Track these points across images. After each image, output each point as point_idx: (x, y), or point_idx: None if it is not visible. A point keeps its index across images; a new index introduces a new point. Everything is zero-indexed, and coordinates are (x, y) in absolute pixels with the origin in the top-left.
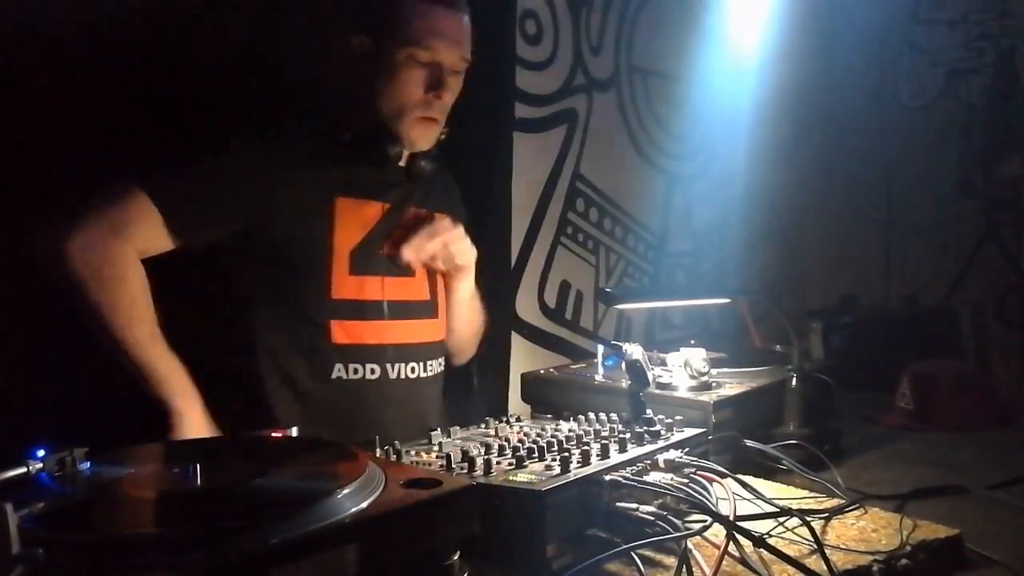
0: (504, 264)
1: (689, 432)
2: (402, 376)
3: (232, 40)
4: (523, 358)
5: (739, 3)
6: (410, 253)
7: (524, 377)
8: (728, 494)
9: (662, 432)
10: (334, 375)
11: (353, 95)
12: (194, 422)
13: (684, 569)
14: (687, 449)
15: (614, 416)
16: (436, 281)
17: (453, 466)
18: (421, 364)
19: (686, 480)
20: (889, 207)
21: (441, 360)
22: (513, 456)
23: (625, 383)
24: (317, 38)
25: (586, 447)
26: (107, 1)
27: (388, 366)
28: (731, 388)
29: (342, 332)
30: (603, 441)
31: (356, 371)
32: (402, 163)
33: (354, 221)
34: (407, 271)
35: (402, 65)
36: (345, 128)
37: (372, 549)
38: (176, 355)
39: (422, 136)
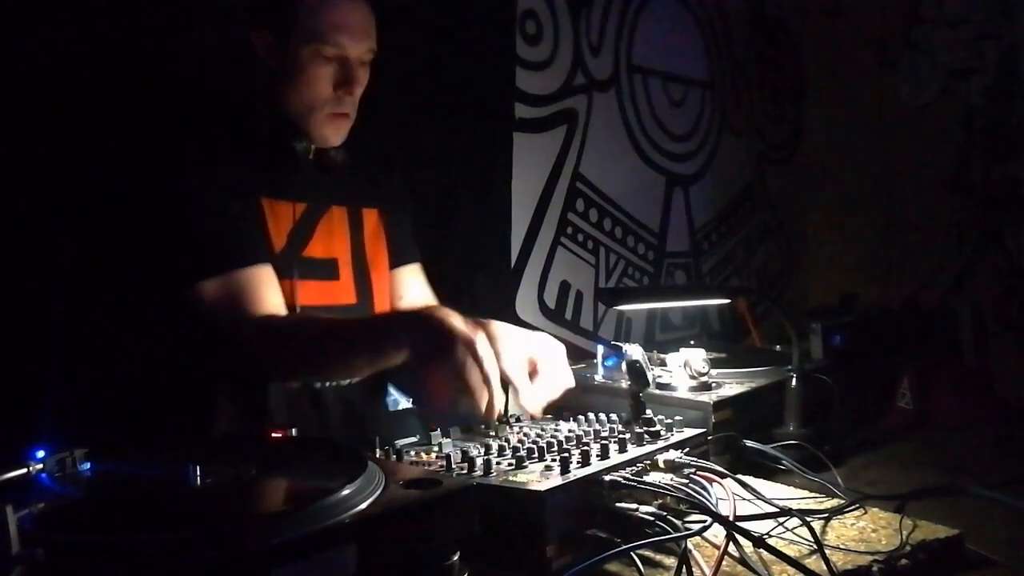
0: (504, 264)
1: (689, 432)
2: (330, 384)
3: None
4: None
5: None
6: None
7: None
8: (728, 494)
9: (662, 432)
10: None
11: (260, 93)
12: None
13: (684, 569)
14: (687, 449)
15: (614, 416)
16: (371, 285)
17: (453, 466)
18: None
19: (686, 480)
20: (889, 207)
21: None
22: (513, 456)
23: (625, 383)
24: (218, 35)
25: (586, 447)
26: None
27: None
28: (731, 388)
29: None
30: (603, 441)
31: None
32: (311, 156)
33: (278, 223)
34: (331, 274)
35: (308, 62)
36: (253, 127)
37: (372, 549)
38: None
39: (334, 132)
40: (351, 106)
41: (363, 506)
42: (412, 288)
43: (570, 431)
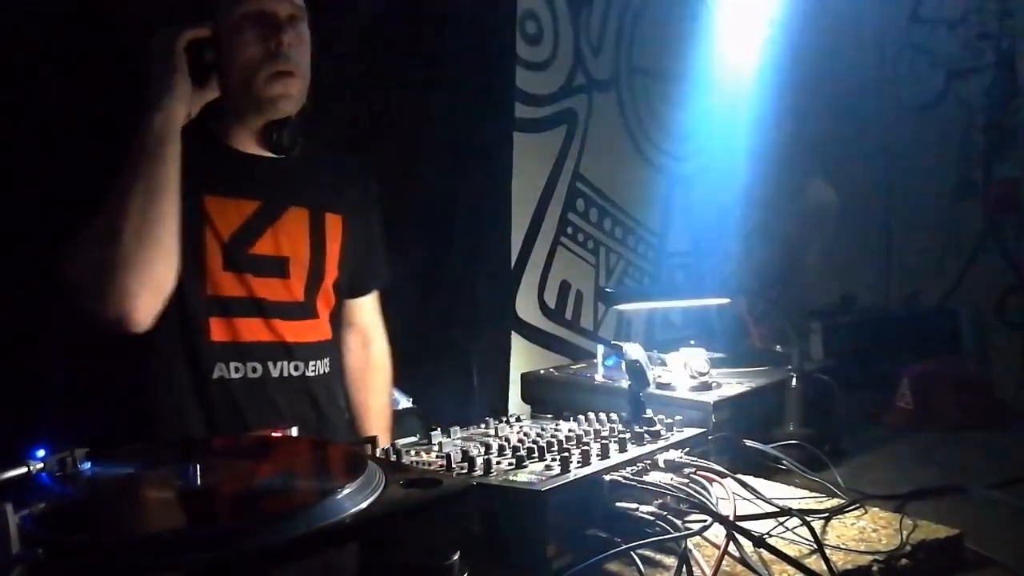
0: (504, 264)
1: (689, 432)
2: (284, 375)
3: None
4: (523, 358)
5: (740, 3)
6: None
7: (524, 377)
8: (728, 494)
9: (662, 432)
10: (215, 375)
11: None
12: None
13: (684, 569)
14: (687, 449)
15: (614, 416)
16: (321, 286)
17: (453, 466)
18: (304, 363)
19: (686, 480)
20: (889, 207)
21: (325, 361)
22: (513, 456)
23: (625, 383)
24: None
25: (586, 447)
26: None
27: (270, 364)
28: (731, 388)
29: (221, 329)
30: (603, 441)
31: (238, 369)
32: (264, 153)
33: (224, 219)
34: (280, 272)
35: (236, 26)
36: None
37: (372, 549)
38: None
39: (282, 93)
40: (292, 62)
41: (363, 506)
42: (363, 316)
43: (570, 431)
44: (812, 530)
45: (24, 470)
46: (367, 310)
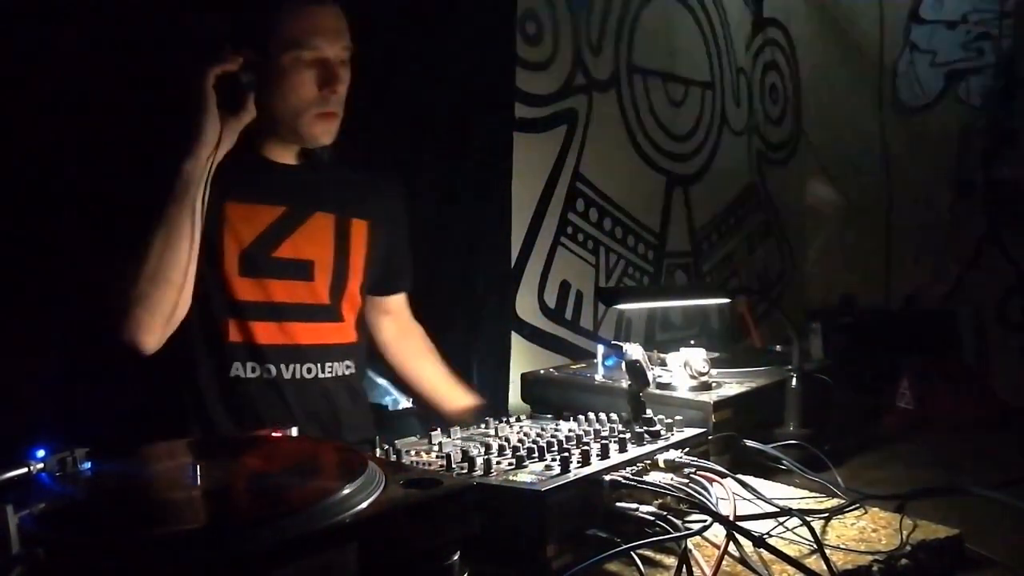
0: (504, 264)
1: (689, 432)
2: (296, 376)
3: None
4: (523, 358)
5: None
6: None
7: (524, 377)
8: (728, 494)
9: (662, 432)
10: (232, 373)
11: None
12: None
13: (684, 569)
14: (687, 449)
15: (614, 416)
16: (345, 290)
17: (453, 466)
18: (318, 365)
19: (686, 480)
20: (889, 207)
21: (347, 363)
22: (513, 456)
23: (625, 383)
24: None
25: (586, 447)
26: None
27: (282, 366)
28: (731, 388)
29: (237, 331)
30: (603, 441)
31: (253, 370)
32: (294, 161)
33: (246, 225)
34: (304, 275)
35: (290, 68)
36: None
37: (372, 549)
38: None
39: (324, 132)
40: (337, 104)
41: (363, 506)
42: (397, 319)
43: (570, 431)
44: (812, 530)
45: (24, 470)
46: (399, 304)
